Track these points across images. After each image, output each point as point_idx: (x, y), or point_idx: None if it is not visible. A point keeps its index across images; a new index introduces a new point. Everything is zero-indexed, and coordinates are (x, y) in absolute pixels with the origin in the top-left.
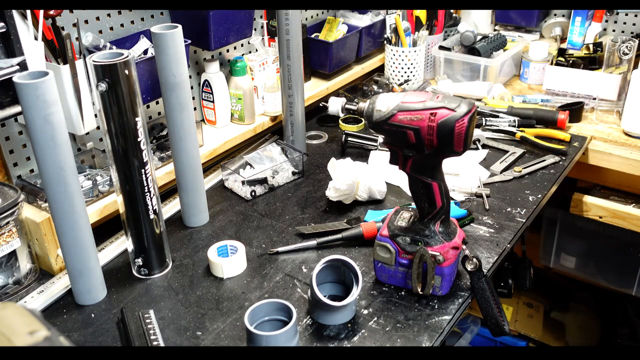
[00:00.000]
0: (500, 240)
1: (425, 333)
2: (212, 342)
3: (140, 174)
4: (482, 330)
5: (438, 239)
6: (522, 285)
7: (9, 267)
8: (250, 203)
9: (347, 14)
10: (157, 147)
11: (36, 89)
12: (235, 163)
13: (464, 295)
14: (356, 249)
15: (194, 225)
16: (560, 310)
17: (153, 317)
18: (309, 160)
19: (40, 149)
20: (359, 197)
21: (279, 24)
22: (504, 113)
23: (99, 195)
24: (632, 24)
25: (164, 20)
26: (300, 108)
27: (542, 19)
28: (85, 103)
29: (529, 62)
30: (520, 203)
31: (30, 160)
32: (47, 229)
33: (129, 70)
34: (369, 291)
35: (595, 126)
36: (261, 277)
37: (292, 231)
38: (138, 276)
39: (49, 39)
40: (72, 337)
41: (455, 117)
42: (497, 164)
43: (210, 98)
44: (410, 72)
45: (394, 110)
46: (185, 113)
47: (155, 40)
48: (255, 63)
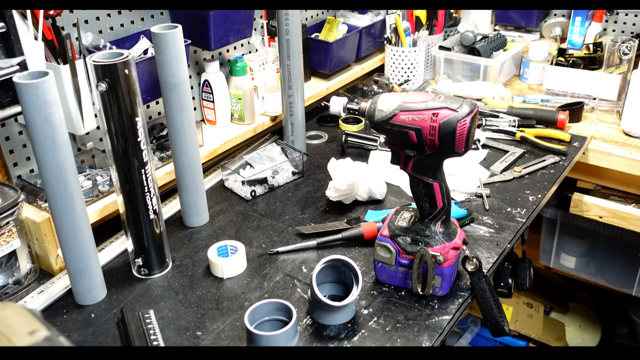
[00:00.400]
0: (500, 240)
1: (425, 333)
2: (212, 342)
3: (140, 174)
4: (482, 330)
5: (438, 239)
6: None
7: (9, 267)
8: (250, 203)
9: (347, 14)
10: (157, 147)
11: (36, 89)
12: (235, 163)
13: (464, 295)
14: (356, 249)
15: (194, 225)
16: (560, 310)
17: (153, 317)
18: (309, 160)
19: (40, 149)
20: (359, 197)
21: (279, 24)
22: (504, 113)
23: (99, 195)
24: (632, 24)
25: (164, 20)
26: (300, 108)
27: (542, 19)
28: (85, 103)
29: (529, 62)
30: (520, 203)
31: (30, 160)
32: (47, 229)
33: (129, 70)
34: (369, 291)
35: (595, 126)
36: (261, 277)
37: (292, 231)
38: (138, 276)
39: (49, 39)
40: (72, 337)
41: (457, 117)
42: (497, 164)
43: (210, 98)
44: (410, 72)
45: (395, 110)
46: (185, 113)
47: (155, 40)
48: (255, 63)
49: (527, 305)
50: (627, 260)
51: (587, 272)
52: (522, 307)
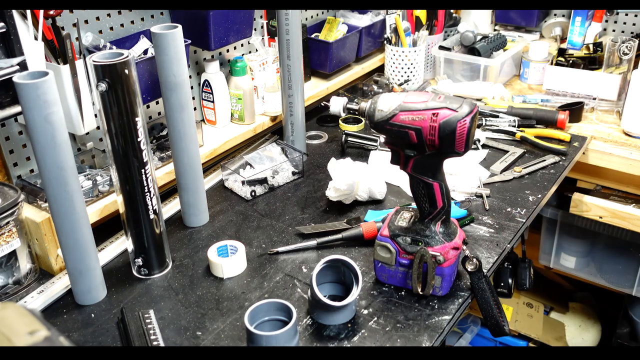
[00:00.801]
0: (500, 240)
1: (425, 333)
2: (212, 342)
3: (140, 174)
4: (482, 330)
5: (438, 239)
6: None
7: (9, 267)
8: (250, 203)
9: (347, 14)
10: (157, 147)
11: (36, 89)
12: (235, 163)
13: (464, 295)
14: (356, 249)
15: (194, 225)
16: (560, 310)
17: (153, 317)
18: (309, 160)
19: (40, 149)
20: (359, 197)
21: (279, 24)
22: (504, 113)
23: (99, 195)
24: (632, 24)
25: (164, 20)
26: (300, 108)
27: (542, 19)
28: (85, 103)
29: (529, 62)
30: (520, 203)
31: (30, 160)
32: (47, 229)
33: (129, 70)
34: (369, 291)
35: (595, 126)
36: (261, 277)
37: (292, 231)
38: (138, 276)
39: (49, 39)
40: (72, 337)
41: (457, 117)
42: (497, 164)
43: (210, 98)
44: (410, 72)
45: (395, 110)
46: (185, 113)
47: (155, 40)
48: (255, 63)
49: (527, 305)
50: (627, 260)
51: (587, 272)
52: (522, 307)
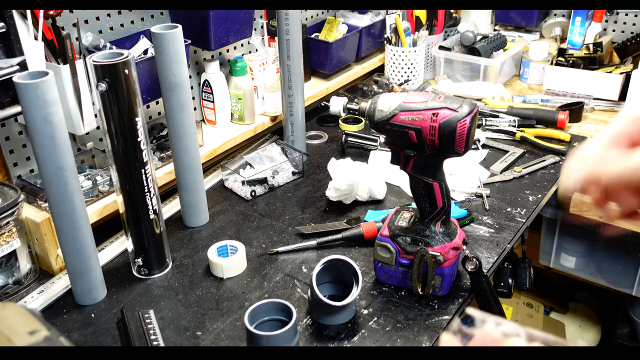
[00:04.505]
0: (500, 240)
1: (425, 333)
2: (212, 342)
3: (140, 174)
4: None
5: (438, 239)
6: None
7: (9, 267)
8: (250, 203)
9: (347, 14)
10: (157, 147)
11: (36, 89)
12: (235, 163)
13: (464, 295)
14: (356, 249)
15: (194, 225)
16: (560, 310)
17: (153, 317)
18: (309, 160)
19: (40, 149)
20: (359, 197)
21: (279, 24)
22: (504, 113)
23: (99, 195)
24: (632, 24)
25: (164, 20)
26: (300, 108)
27: (542, 19)
28: (85, 103)
29: (529, 62)
30: (520, 203)
31: (30, 160)
32: (47, 229)
33: (129, 70)
34: (369, 291)
35: (595, 126)
36: (261, 277)
37: (292, 231)
38: (138, 276)
39: (49, 39)
40: (72, 337)
41: (457, 117)
42: (497, 164)
43: (210, 98)
44: (410, 72)
45: (395, 110)
46: (185, 113)
47: (155, 40)
48: (255, 63)
49: (527, 305)
50: (627, 260)
51: (587, 272)
52: (522, 307)
